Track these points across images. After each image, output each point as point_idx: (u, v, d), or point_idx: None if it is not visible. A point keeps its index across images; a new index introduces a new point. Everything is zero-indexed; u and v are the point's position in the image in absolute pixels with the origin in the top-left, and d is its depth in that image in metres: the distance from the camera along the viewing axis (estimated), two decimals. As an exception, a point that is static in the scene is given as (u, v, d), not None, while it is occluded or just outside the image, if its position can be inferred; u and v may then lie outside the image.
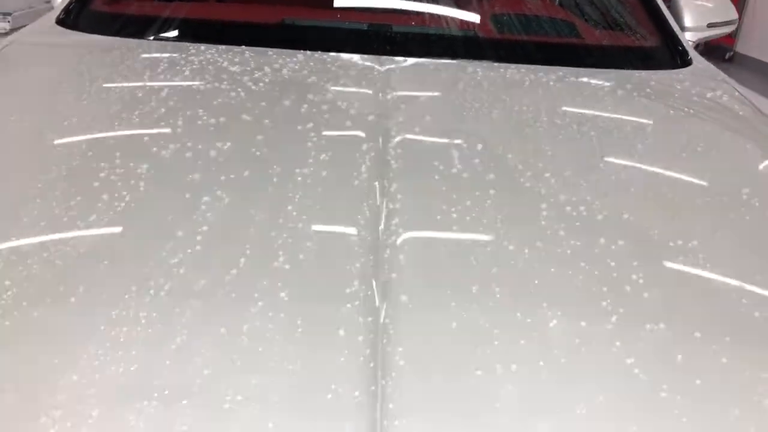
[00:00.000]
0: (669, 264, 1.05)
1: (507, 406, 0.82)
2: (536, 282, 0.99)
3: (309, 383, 0.82)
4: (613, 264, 1.03)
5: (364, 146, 1.26)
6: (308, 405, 0.80)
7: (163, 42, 1.69)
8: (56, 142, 1.24)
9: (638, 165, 1.32)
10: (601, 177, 1.25)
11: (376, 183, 1.16)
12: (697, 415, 0.84)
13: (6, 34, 1.82)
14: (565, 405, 0.83)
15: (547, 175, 1.22)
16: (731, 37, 8.05)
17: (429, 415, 0.80)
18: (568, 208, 1.14)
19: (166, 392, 0.80)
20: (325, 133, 1.29)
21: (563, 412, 0.82)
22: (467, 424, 0.80)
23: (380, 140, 1.28)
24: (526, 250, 1.04)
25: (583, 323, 0.93)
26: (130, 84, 1.45)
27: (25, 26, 1.89)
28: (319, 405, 0.80)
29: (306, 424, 0.78)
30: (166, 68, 1.52)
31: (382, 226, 1.06)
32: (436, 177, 1.19)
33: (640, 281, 1.00)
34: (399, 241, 1.03)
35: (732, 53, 8.58)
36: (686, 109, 1.59)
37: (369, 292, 0.94)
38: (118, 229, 1.03)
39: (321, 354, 0.86)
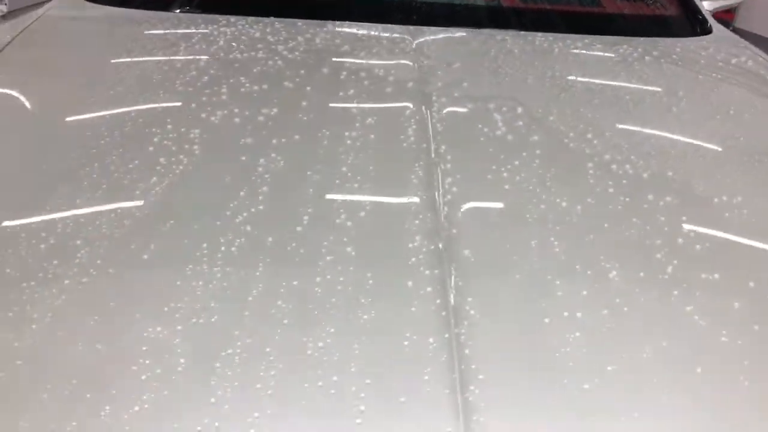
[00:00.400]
0: (716, 218, 1.08)
1: (575, 350, 0.85)
2: (591, 237, 1.01)
3: (384, 332, 0.85)
4: (663, 219, 1.05)
5: (407, 111, 1.28)
6: (387, 352, 0.83)
7: (191, 14, 1.70)
8: (105, 111, 1.25)
9: (675, 127, 1.34)
10: (641, 138, 1.28)
11: (425, 145, 1.18)
12: (756, 356, 0.87)
13: (3, 16, 1.81)
14: (630, 349, 0.86)
15: (589, 136, 1.25)
16: (731, 12, 8.07)
17: (503, 359, 0.83)
18: (614, 167, 1.16)
19: (249, 341, 0.82)
20: (367, 98, 1.31)
21: (629, 357, 0.85)
22: (539, 366, 0.83)
23: (422, 105, 1.30)
24: (579, 207, 1.07)
25: (641, 274, 0.95)
26: (167, 56, 1.46)
27: (21, 8, 1.87)
28: (397, 352, 0.83)
29: (387, 371, 0.81)
30: (200, 39, 1.53)
31: (437, 186, 1.08)
32: (482, 139, 1.22)
33: (691, 234, 1.03)
34: (455, 199, 1.05)
35: (732, 28, 8.60)
36: (713, 74, 1.62)
37: (432, 247, 0.96)
38: (179, 191, 1.05)
39: (392, 304, 0.88)
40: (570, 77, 1.47)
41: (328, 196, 1.05)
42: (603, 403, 0.79)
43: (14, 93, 1.33)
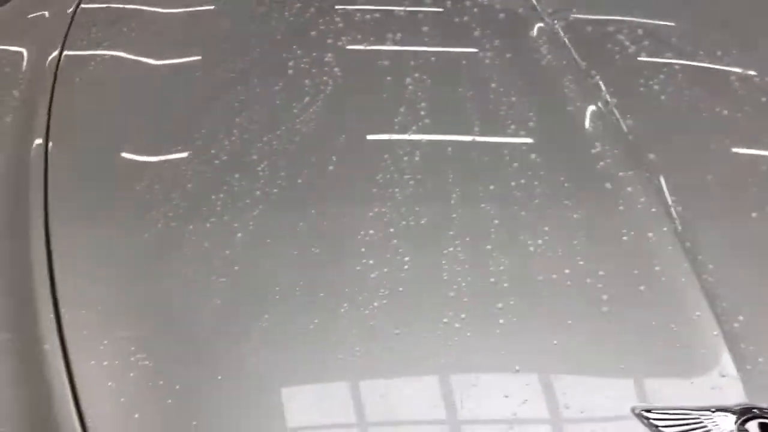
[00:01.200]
0: None
1: None
2: None
3: (601, 227, 0.84)
4: None
5: (533, 31, 1.25)
6: (609, 247, 0.82)
7: None
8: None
9: None
10: None
11: (564, 62, 1.15)
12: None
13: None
14: None
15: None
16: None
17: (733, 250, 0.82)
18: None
19: (467, 239, 0.81)
20: (486, 22, 1.28)
21: None
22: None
23: (543, 25, 1.27)
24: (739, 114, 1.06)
25: None
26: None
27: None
28: (620, 246, 0.81)
29: (618, 263, 0.80)
30: None
31: (602, 95, 1.06)
32: (617, 56, 1.20)
33: None
34: (620, 110, 1.04)
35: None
36: None
37: (616, 151, 0.95)
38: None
39: (598, 204, 0.87)
40: None
41: (497, 110, 1.03)
42: None
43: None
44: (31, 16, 1.36)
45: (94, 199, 0.89)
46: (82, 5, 1.33)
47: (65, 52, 1.17)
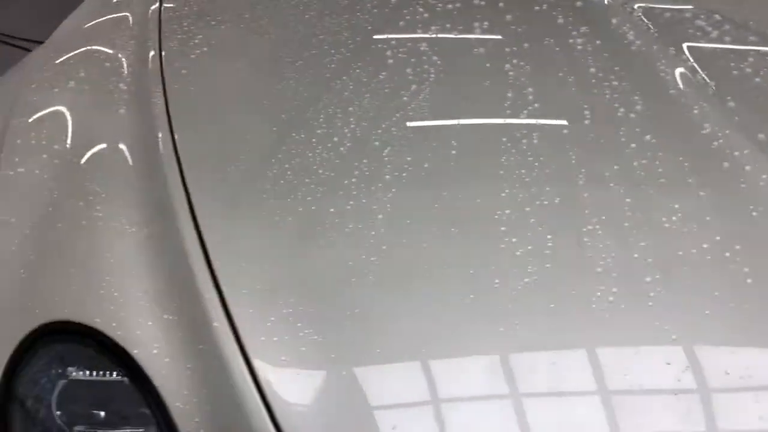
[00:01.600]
0: None
1: None
2: None
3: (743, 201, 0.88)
4: None
5: (615, 18, 1.27)
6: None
7: None
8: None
9: None
10: None
11: (655, 47, 1.18)
12: None
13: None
14: None
15: None
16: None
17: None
18: None
19: (604, 217, 0.84)
20: (566, 10, 1.30)
21: None
22: None
23: (622, 11, 1.29)
24: None
25: None
26: None
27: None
28: (758, 219, 0.85)
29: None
30: None
31: (698, 80, 1.09)
32: (701, 40, 1.22)
33: None
34: (720, 93, 1.06)
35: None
36: None
37: (726, 131, 0.98)
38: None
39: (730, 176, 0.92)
40: None
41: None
42: None
43: None
44: (108, 18, 1.38)
45: (232, 188, 0.92)
46: (165, 4, 1.35)
47: (164, 48, 1.19)
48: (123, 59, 1.21)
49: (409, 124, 1.00)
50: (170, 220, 0.86)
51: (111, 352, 0.79)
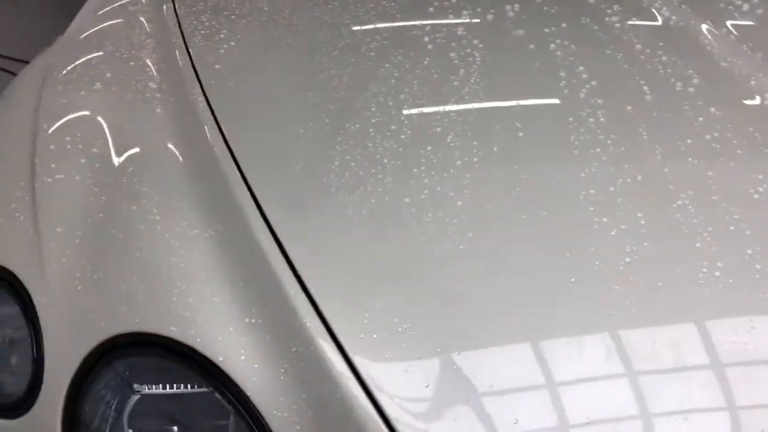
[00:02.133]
0: None
1: None
2: None
3: None
4: None
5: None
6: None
7: None
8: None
9: None
10: None
11: (692, 21, 1.16)
12: None
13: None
14: None
15: None
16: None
17: None
18: None
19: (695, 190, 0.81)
20: None
21: None
22: None
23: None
24: None
25: None
26: None
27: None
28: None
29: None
30: None
31: (742, 50, 1.08)
32: (730, 9, 1.21)
33: None
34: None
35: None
36: None
37: None
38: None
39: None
40: None
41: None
42: None
43: None
44: (118, 21, 1.32)
45: (295, 182, 0.87)
46: (177, 2, 1.30)
47: (190, 45, 1.14)
48: (146, 59, 1.15)
49: (466, 108, 0.97)
50: (237, 220, 0.82)
51: (191, 362, 0.74)
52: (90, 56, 1.18)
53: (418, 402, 0.66)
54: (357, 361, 0.68)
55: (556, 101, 0.98)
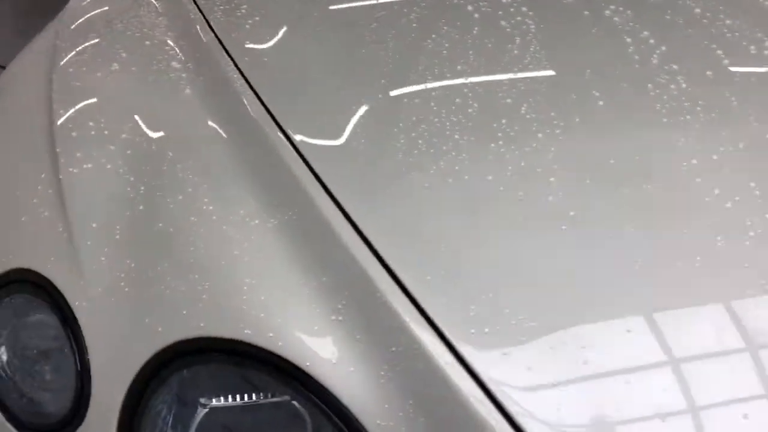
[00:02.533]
0: None
1: None
2: None
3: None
4: None
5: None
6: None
7: None
8: None
9: None
10: None
11: None
12: None
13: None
14: None
15: None
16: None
17: None
18: None
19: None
20: None
21: None
22: None
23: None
24: None
25: None
26: None
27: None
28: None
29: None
30: None
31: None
32: None
33: None
34: None
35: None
36: None
37: None
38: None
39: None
40: None
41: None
42: None
43: None
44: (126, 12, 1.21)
45: (362, 162, 0.78)
46: None
47: (212, 21, 1.03)
48: (163, 38, 1.05)
49: (533, 76, 0.89)
50: (305, 206, 0.72)
51: (269, 368, 0.65)
52: (99, 37, 1.07)
53: (545, 401, 0.58)
54: (471, 359, 0.60)
55: (629, 68, 0.90)
